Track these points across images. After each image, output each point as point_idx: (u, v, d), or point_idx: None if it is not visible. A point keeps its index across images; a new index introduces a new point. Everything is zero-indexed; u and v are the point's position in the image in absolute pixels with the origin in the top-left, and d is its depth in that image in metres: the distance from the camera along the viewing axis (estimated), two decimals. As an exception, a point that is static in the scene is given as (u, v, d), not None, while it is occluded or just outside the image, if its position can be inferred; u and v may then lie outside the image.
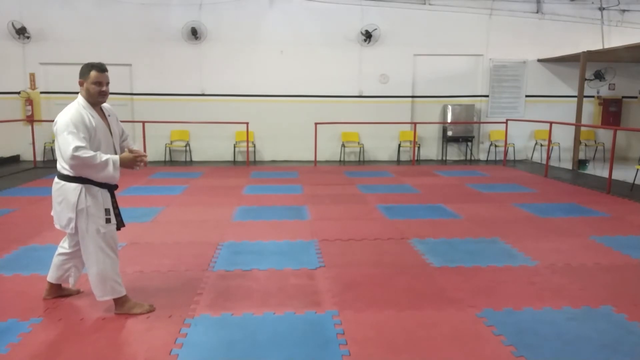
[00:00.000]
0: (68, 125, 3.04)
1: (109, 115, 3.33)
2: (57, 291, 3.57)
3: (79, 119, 3.08)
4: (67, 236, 3.41)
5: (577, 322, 3.23)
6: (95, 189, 3.17)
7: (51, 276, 3.50)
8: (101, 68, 3.20)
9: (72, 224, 3.16)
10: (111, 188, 3.28)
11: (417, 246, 4.89)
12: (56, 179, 3.21)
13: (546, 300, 3.57)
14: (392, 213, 6.30)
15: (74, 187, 3.12)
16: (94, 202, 3.16)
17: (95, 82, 3.17)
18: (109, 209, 3.23)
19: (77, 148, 2.99)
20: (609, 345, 2.94)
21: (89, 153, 3.03)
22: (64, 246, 3.45)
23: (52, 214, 3.30)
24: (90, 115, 3.14)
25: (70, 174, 3.12)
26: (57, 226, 3.27)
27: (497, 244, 5.00)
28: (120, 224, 3.35)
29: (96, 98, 3.20)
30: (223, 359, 2.79)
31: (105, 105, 3.34)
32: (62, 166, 3.14)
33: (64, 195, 3.15)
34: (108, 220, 3.22)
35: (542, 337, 3.02)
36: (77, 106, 3.16)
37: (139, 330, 3.11)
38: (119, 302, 3.33)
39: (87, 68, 3.19)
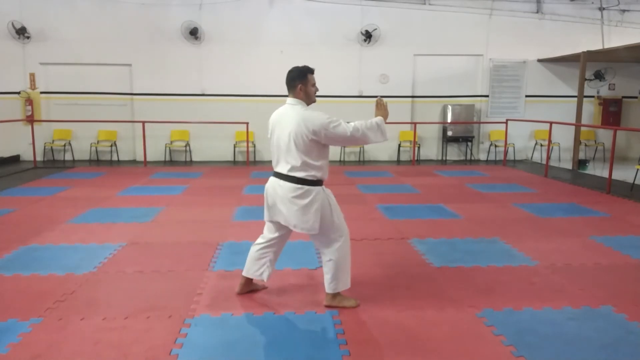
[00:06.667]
0: (327, 119, 3.23)
1: None
2: (250, 286, 3.70)
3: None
4: (267, 229, 3.53)
5: (577, 322, 3.23)
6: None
7: (247, 271, 3.61)
8: (314, 70, 3.36)
9: (318, 224, 3.25)
10: None
11: (417, 246, 4.89)
12: (293, 185, 3.23)
13: (546, 300, 3.57)
14: (392, 213, 6.30)
15: (319, 189, 3.27)
16: (332, 198, 3.36)
17: (314, 85, 3.35)
18: None
19: (350, 131, 3.27)
20: (609, 345, 2.94)
21: (357, 126, 3.32)
22: (261, 240, 3.57)
23: (276, 218, 3.38)
24: None
25: (313, 179, 3.24)
26: (299, 230, 3.29)
27: (497, 244, 5.00)
28: None
29: (313, 99, 3.37)
30: (223, 359, 2.79)
31: None
32: (307, 173, 3.23)
33: (308, 198, 3.23)
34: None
35: (542, 337, 3.02)
36: (305, 107, 3.30)
37: (139, 330, 3.11)
38: (334, 294, 3.44)
39: (301, 72, 3.30)
